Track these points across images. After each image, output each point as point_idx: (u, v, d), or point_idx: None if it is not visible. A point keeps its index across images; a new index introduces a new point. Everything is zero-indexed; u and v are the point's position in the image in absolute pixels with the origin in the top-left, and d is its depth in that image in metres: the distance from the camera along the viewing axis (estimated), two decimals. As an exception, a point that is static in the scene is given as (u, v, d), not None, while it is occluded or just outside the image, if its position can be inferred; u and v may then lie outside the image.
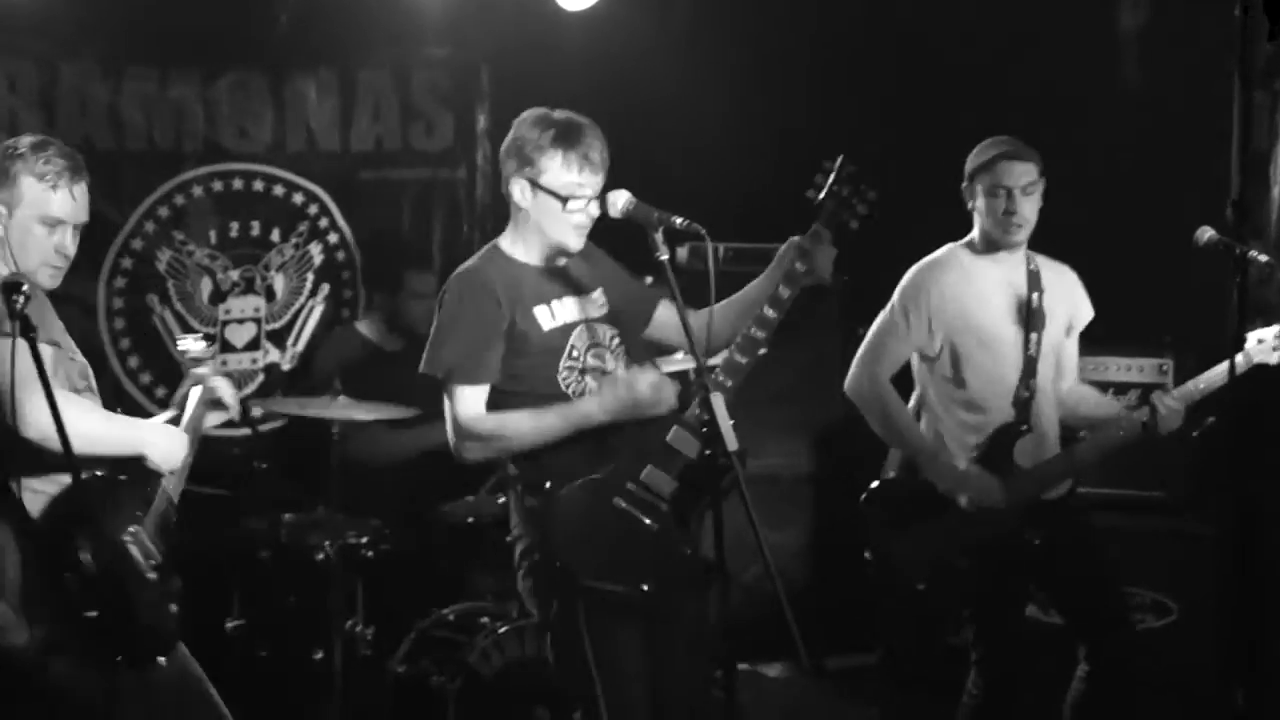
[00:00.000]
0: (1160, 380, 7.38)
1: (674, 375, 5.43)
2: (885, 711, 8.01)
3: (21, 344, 4.48)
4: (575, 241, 5.40)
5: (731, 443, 4.74)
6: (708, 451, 4.90)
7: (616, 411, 5.27)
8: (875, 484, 6.46)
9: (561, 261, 5.49)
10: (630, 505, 5.25)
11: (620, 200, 5.13)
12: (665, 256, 4.95)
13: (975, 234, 6.36)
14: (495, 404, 5.39)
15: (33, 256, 4.84)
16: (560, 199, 5.30)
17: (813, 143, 8.46)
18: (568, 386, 5.40)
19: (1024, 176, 6.19)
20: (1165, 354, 7.46)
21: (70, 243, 4.91)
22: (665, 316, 5.69)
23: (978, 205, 6.29)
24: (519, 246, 5.47)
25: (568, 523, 5.24)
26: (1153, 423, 6.20)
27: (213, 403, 5.50)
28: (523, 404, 5.36)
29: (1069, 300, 6.44)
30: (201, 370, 5.53)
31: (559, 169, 5.30)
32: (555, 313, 5.42)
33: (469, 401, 5.36)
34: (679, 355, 6.59)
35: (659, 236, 4.96)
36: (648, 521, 5.23)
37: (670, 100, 8.43)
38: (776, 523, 8.09)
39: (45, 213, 4.84)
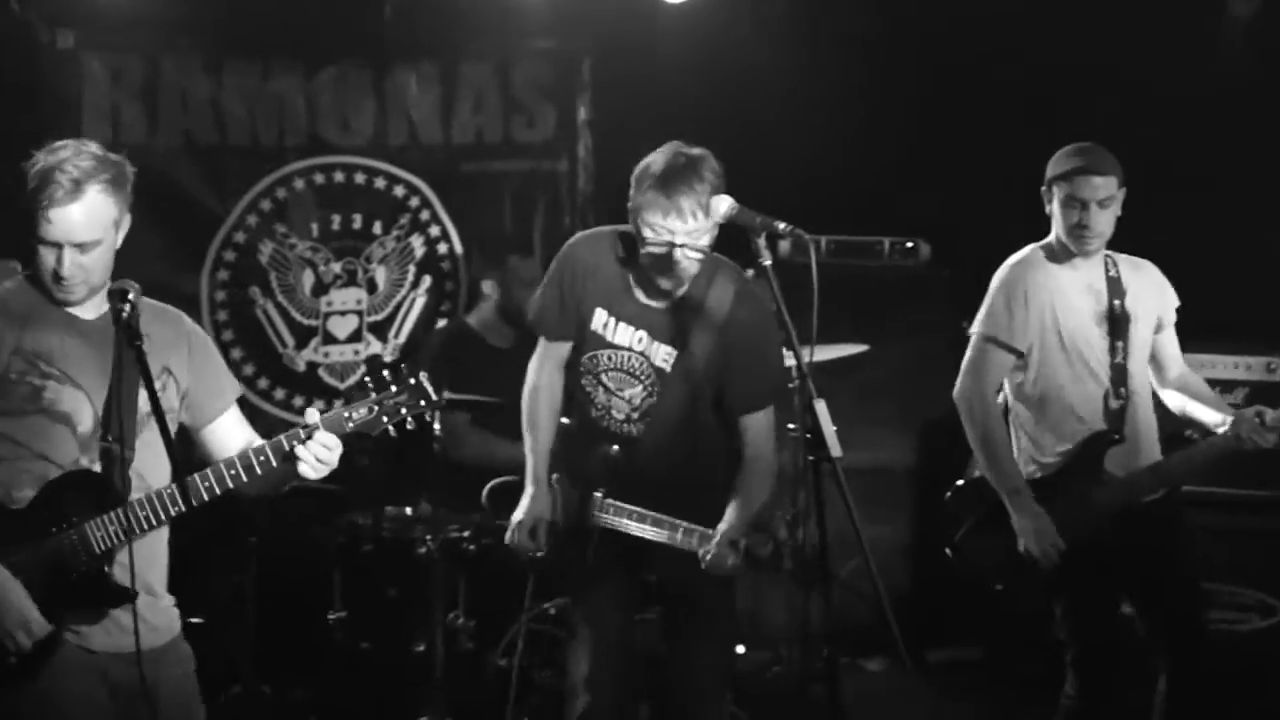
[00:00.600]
0: (1269, 378, 7.28)
1: None
2: (985, 707, 7.96)
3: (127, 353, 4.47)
4: (661, 279, 5.57)
5: (835, 449, 4.68)
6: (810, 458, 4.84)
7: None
8: (960, 482, 6.43)
9: (669, 286, 5.62)
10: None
11: (723, 206, 5.12)
12: (768, 261, 4.90)
13: (1053, 239, 6.28)
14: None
15: (43, 276, 4.56)
16: (641, 231, 5.50)
17: (914, 135, 8.52)
18: (583, 378, 5.81)
19: (1101, 190, 6.09)
20: (1275, 352, 7.33)
21: (68, 263, 4.48)
22: (751, 427, 5.76)
23: (1054, 212, 6.22)
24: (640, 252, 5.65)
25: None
26: (1247, 443, 6.07)
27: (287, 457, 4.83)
28: (569, 370, 5.84)
29: (1154, 297, 6.30)
30: (312, 416, 4.81)
31: (648, 209, 5.48)
32: (609, 324, 5.75)
33: (539, 351, 5.90)
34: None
35: (762, 241, 4.92)
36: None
37: (770, 91, 8.38)
38: (878, 518, 8.02)
39: (39, 235, 4.52)
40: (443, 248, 8.57)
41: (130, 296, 4.44)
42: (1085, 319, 6.18)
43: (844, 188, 8.42)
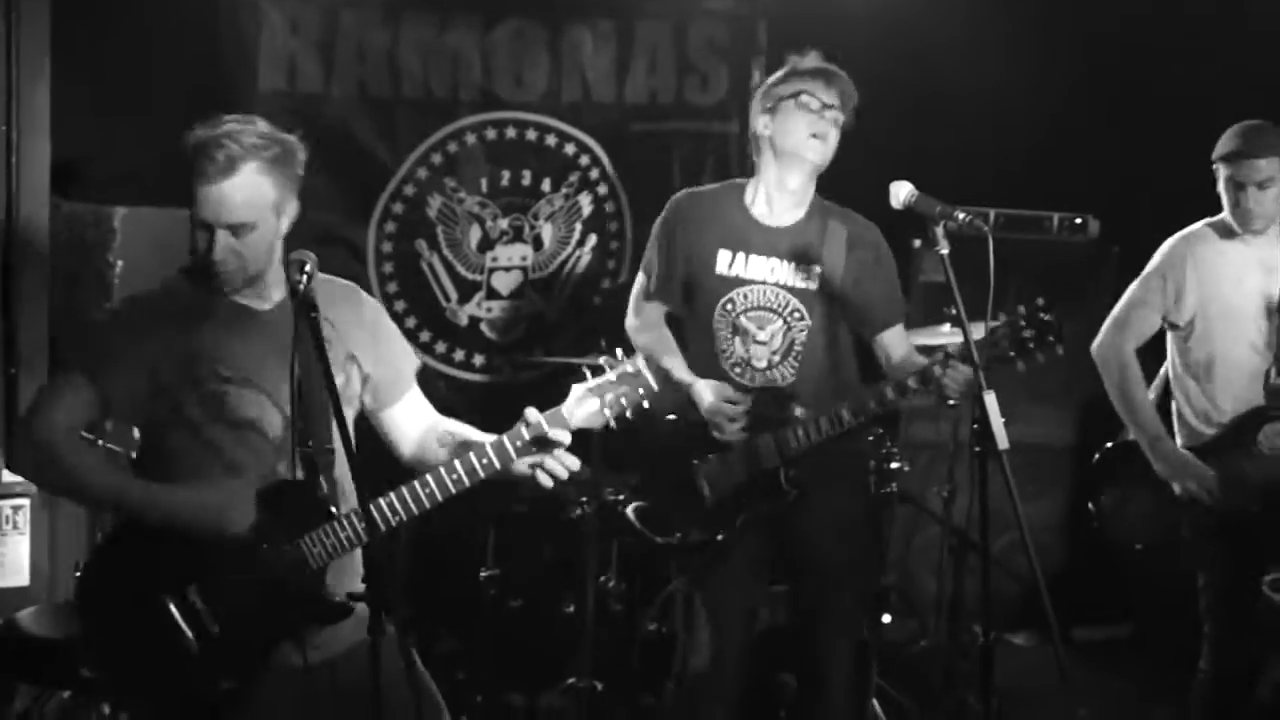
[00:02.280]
0: None
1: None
2: (1133, 685, 7.91)
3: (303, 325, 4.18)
4: (808, 148, 5.67)
5: (1003, 442, 4.67)
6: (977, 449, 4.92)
7: (692, 395, 5.77)
8: (1110, 444, 6.51)
9: (787, 220, 5.76)
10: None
11: (903, 192, 5.10)
12: (946, 250, 4.89)
13: (1225, 215, 6.32)
14: (676, 326, 6.00)
15: (199, 262, 4.32)
16: (789, 97, 5.70)
17: (1089, 109, 8.41)
18: (716, 336, 5.79)
19: (1261, 173, 6.13)
20: None
21: (220, 247, 4.24)
22: (893, 340, 5.83)
23: (1221, 192, 6.28)
24: (752, 189, 5.87)
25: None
26: None
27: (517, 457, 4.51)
28: (690, 335, 5.91)
29: None
30: (533, 416, 4.46)
31: (793, 82, 5.75)
32: (736, 262, 5.76)
33: (638, 299, 6.07)
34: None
35: (940, 230, 4.88)
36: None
37: (949, 56, 8.29)
38: (1034, 494, 7.98)
39: (191, 213, 4.30)
40: (610, 206, 8.56)
41: (308, 268, 4.16)
42: (1252, 295, 6.21)
43: (1016, 161, 8.35)
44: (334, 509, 4.29)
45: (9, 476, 6.25)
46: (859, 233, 5.76)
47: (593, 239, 8.55)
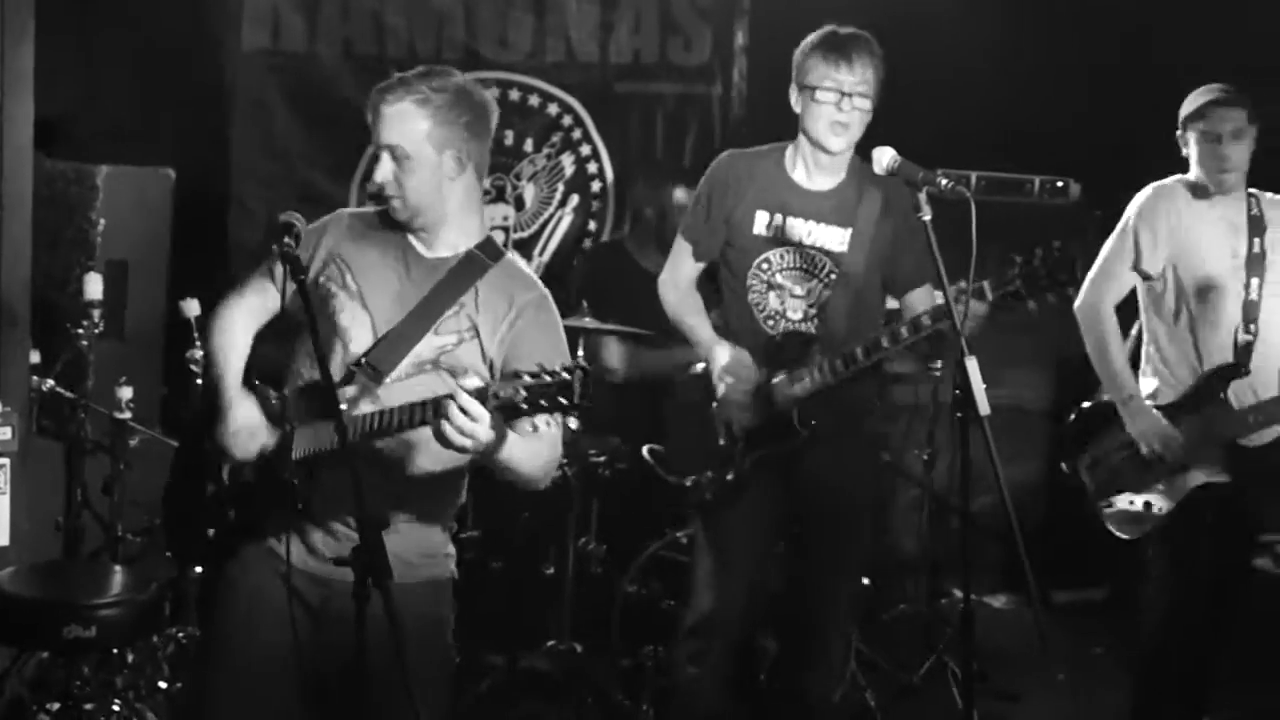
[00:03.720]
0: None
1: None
2: (1109, 647, 7.96)
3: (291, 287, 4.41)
4: (830, 138, 5.69)
5: (984, 408, 4.70)
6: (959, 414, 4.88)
7: (711, 359, 5.85)
8: (1086, 404, 6.50)
9: (824, 185, 5.80)
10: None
11: (885, 158, 5.07)
12: (928, 216, 4.88)
13: (1192, 176, 6.32)
14: (710, 280, 6.03)
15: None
16: (810, 89, 5.66)
17: (1076, 75, 8.42)
18: (751, 291, 5.86)
19: (1234, 122, 6.17)
20: None
21: (382, 168, 4.51)
22: (919, 298, 5.85)
23: (1191, 152, 6.29)
24: (793, 157, 5.85)
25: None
26: None
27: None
28: (724, 284, 5.95)
29: None
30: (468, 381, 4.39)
31: (816, 66, 5.66)
32: (773, 223, 5.82)
33: (677, 256, 6.04)
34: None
35: (923, 196, 4.89)
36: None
37: (935, 21, 8.29)
38: (1013, 456, 8.01)
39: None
40: (592, 167, 8.57)
41: (296, 229, 4.33)
42: (1222, 253, 6.21)
43: (1007, 122, 8.36)
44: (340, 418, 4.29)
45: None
46: (895, 199, 5.70)
47: (575, 199, 8.56)
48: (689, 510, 6.11)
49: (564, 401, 4.17)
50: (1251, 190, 6.28)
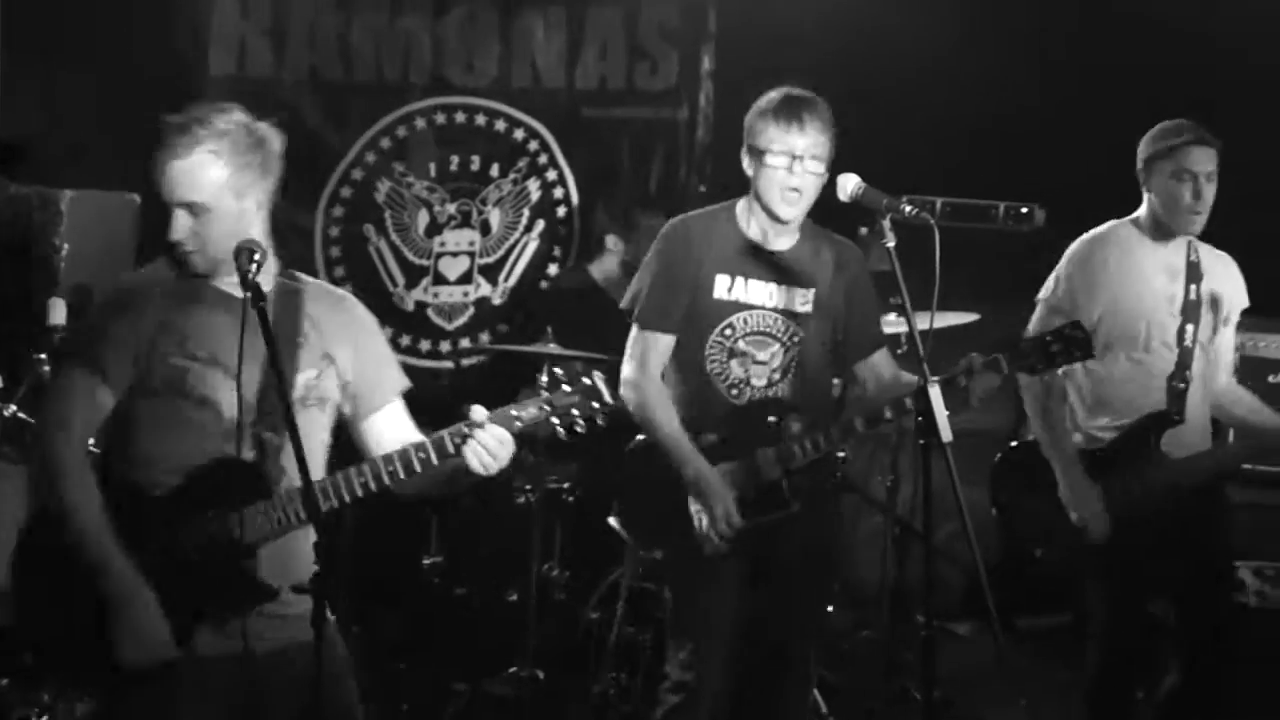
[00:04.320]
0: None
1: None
2: (1074, 672, 7.97)
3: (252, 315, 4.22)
4: (782, 205, 5.50)
5: (946, 434, 4.70)
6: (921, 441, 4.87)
7: (697, 492, 5.45)
8: (1014, 444, 6.48)
9: (781, 245, 5.61)
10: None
11: (850, 184, 5.05)
12: (892, 244, 4.87)
13: (1143, 215, 6.23)
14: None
15: None
16: (761, 152, 5.49)
17: (1037, 104, 8.44)
18: (711, 361, 5.58)
19: (1210, 163, 6.07)
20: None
21: (177, 225, 4.32)
22: (882, 361, 5.77)
23: (1155, 189, 6.16)
24: (746, 215, 5.65)
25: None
26: None
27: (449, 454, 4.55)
28: (676, 353, 5.60)
29: (1228, 290, 6.28)
30: (478, 413, 4.49)
31: (767, 129, 5.49)
32: (736, 287, 5.58)
33: (643, 348, 5.61)
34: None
35: (887, 222, 4.88)
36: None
37: (898, 44, 8.31)
38: (976, 481, 8.04)
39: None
40: (558, 192, 8.58)
41: (256, 256, 4.21)
42: (1159, 299, 6.14)
43: (969, 147, 8.37)
44: (273, 488, 4.33)
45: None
46: (845, 255, 5.67)
47: (540, 225, 8.57)
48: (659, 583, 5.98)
49: (596, 405, 4.30)
50: (1190, 238, 6.19)
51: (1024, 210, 8.34)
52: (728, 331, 5.58)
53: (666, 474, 5.53)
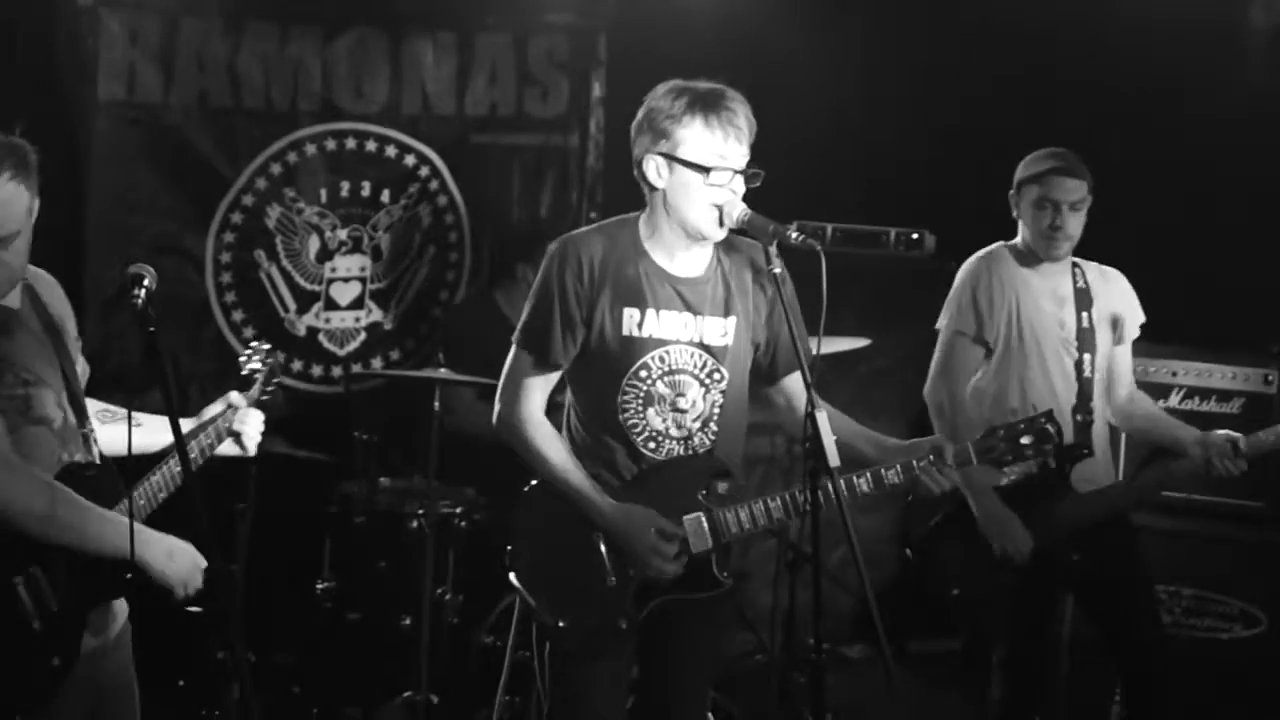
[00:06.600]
0: (1265, 390, 7.28)
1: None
2: (966, 696, 8.00)
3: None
4: (713, 227, 4.84)
5: (834, 459, 4.65)
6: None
7: (613, 534, 4.91)
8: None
9: (694, 269, 4.98)
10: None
11: (736, 211, 4.79)
12: (779, 269, 4.79)
13: (1019, 240, 6.33)
14: (557, 387, 5.04)
15: None
16: (703, 170, 4.78)
17: (939, 125, 8.51)
18: (623, 410, 4.93)
19: (1074, 193, 6.14)
20: (1271, 365, 7.32)
21: None
22: (794, 386, 5.12)
23: (1023, 215, 6.27)
24: (646, 231, 4.96)
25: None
26: (1218, 469, 6.02)
27: (231, 433, 4.89)
28: (577, 401, 5.01)
29: (1119, 309, 6.34)
30: (238, 399, 4.89)
31: (700, 137, 4.79)
32: (647, 321, 4.92)
33: (522, 382, 4.98)
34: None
35: (774, 250, 4.78)
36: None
37: (787, 74, 8.35)
38: (868, 507, 8.07)
39: None
40: (449, 218, 8.58)
41: (146, 282, 4.20)
42: (1051, 326, 6.21)
43: (866, 174, 8.43)
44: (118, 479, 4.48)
45: None
46: (757, 260, 5.00)
47: (431, 250, 8.57)
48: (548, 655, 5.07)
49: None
50: (1075, 260, 6.26)
51: (914, 236, 8.39)
52: (643, 374, 4.91)
53: (569, 524, 4.95)
